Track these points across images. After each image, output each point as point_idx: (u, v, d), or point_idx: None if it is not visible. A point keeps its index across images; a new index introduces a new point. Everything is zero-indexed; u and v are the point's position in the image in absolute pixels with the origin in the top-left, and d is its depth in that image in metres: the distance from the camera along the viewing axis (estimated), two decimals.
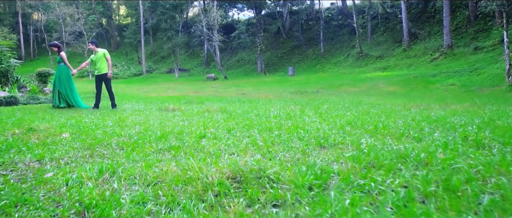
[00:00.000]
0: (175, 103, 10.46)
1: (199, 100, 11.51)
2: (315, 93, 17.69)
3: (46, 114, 7.27)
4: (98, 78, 9.16)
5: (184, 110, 7.71)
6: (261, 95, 16.94)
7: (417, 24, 31.70)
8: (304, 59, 37.91)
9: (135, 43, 45.98)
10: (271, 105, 9.66)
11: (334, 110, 7.62)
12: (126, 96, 15.40)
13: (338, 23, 38.83)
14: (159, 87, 26.63)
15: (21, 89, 15.13)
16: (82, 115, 6.90)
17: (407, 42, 29.85)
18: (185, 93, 19.46)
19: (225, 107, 8.31)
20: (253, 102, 11.47)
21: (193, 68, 44.32)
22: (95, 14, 48.92)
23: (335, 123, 4.92)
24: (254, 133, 4.13)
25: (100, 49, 9.14)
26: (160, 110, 7.76)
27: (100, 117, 6.33)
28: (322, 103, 10.30)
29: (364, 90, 18.38)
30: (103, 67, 9.02)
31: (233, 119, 5.72)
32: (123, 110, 8.13)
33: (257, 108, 8.25)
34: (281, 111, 7.48)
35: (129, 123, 5.42)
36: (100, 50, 9.07)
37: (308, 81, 24.88)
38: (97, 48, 9.14)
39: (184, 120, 5.77)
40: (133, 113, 7.21)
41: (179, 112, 7.33)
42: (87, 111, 7.83)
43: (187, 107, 8.59)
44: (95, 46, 9.14)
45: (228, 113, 7.03)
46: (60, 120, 6.01)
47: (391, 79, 21.33)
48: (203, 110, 7.41)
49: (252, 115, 6.51)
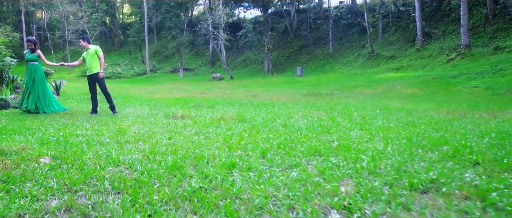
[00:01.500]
0: (182, 108, 9.45)
1: (208, 104, 10.48)
2: (329, 95, 16.62)
3: (35, 121, 6.27)
4: (90, 79, 8.17)
5: (195, 117, 6.68)
6: (272, 97, 15.89)
7: (431, 23, 30.54)
8: (312, 59, 36.81)
9: (139, 42, 45.03)
10: (290, 110, 8.63)
11: (368, 117, 6.58)
12: (129, 98, 14.40)
13: (347, 22, 37.68)
14: (163, 88, 25.63)
15: (17, 90, 14.17)
16: (77, 123, 5.89)
17: (420, 42, 28.70)
18: (191, 94, 18.45)
19: (241, 114, 7.27)
20: (268, 106, 10.44)
21: (197, 67, 43.31)
22: (99, 13, 48.01)
23: (391, 141, 3.88)
24: (299, 159, 3.09)
25: (93, 45, 8.12)
26: (167, 117, 6.73)
27: (97, 127, 5.31)
28: (347, 108, 9.25)
29: (380, 93, 17.30)
30: (94, 66, 8.02)
31: (258, 132, 4.69)
32: (124, 116, 7.11)
33: (278, 115, 7.21)
34: (307, 118, 6.44)
35: (130, 137, 4.40)
36: (91, 47, 8.05)
37: (318, 82, 23.81)
38: (89, 44, 8.13)
39: (198, 132, 4.74)
40: (136, 121, 6.19)
41: (189, 120, 6.31)
42: (83, 118, 6.81)
43: (197, 113, 7.56)
44: (87, 42, 8.12)
45: (247, 121, 6.00)
46: (49, 131, 5.00)
47: (407, 81, 20.22)
48: (217, 118, 6.38)
49: (277, 125, 5.48)
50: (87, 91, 18.87)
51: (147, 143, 3.98)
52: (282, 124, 5.51)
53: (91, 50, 8.02)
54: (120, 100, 13.09)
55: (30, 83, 7.78)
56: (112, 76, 41.92)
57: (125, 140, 4.15)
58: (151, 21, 43.72)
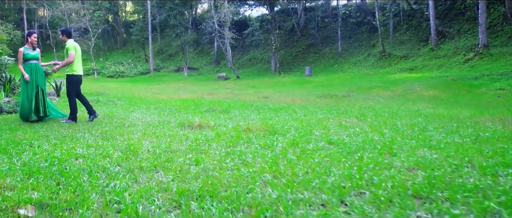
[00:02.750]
0: (195, 113, 8.49)
1: (221, 107, 9.50)
2: (346, 97, 15.65)
3: (29, 131, 5.32)
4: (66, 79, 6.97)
5: (215, 127, 5.72)
6: (285, 99, 14.92)
7: (444, 22, 29.48)
8: (321, 59, 35.81)
9: (142, 40, 44.12)
10: (315, 116, 7.67)
11: (417, 128, 5.60)
12: (134, 100, 13.45)
13: (356, 20, 36.66)
14: (168, 88, 24.68)
15: (14, 91, 13.24)
16: (77, 134, 4.94)
17: (434, 41, 27.66)
18: (199, 95, 17.50)
19: (267, 122, 6.30)
20: (287, 110, 9.47)
21: (202, 67, 42.36)
22: (101, 10, 47.08)
23: (480, 165, 2.92)
24: (401, 208, 2.12)
25: (70, 41, 6.86)
26: (182, 126, 5.76)
27: (100, 143, 4.35)
28: (379, 114, 8.27)
29: (400, 95, 16.31)
30: (69, 65, 6.79)
31: (306, 154, 3.72)
32: (132, 124, 6.15)
33: (309, 123, 6.24)
34: (347, 130, 5.48)
35: (144, 160, 3.44)
36: (69, 42, 6.82)
37: (330, 82, 22.82)
38: (68, 38, 6.88)
39: (229, 153, 3.77)
40: (147, 132, 5.23)
41: (209, 131, 5.35)
42: (84, 127, 5.86)
43: (216, 120, 6.59)
44: (66, 36, 6.89)
45: (280, 134, 5.05)
46: (42, 147, 4.05)
47: (425, 82, 19.22)
48: (243, 128, 5.41)
49: (319, 139, 4.52)
50: (90, 91, 17.95)
51: (168, 171, 3.02)
52: (326, 139, 4.54)
53: (66, 46, 6.83)
54: (124, 102, 12.15)
55: (43, 85, 6.85)
56: (115, 75, 41.05)
57: (138, 166, 3.18)
58: (154, 19, 42.74)
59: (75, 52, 6.85)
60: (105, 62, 45.65)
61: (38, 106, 6.66)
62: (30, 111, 6.57)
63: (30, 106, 6.57)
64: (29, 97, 6.59)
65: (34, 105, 6.61)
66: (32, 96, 6.62)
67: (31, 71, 6.68)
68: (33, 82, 6.68)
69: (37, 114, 6.64)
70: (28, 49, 6.76)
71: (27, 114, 6.57)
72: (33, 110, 6.59)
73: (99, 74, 41.81)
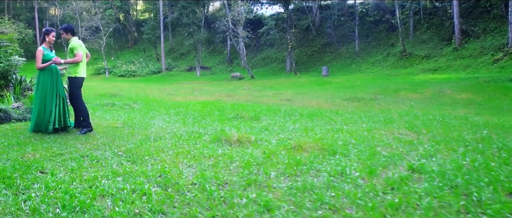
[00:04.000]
0: (222, 120, 7.63)
1: (249, 113, 8.61)
2: (373, 100, 14.69)
3: (40, 147, 4.51)
4: (70, 82, 6.17)
5: (256, 142, 4.85)
6: (310, 102, 14.01)
7: (468, 21, 28.23)
8: (337, 58, 34.76)
9: (154, 39, 43.41)
10: (358, 125, 6.79)
11: (496, 146, 4.67)
12: (150, 102, 12.64)
13: (374, 19, 35.52)
14: (182, 88, 23.90)
15: (26, 92, 12.52)
16: (97, 153, 4.11)
17: (458, 41, 26.47)
18: (216, 97, 16.67)
19: (313, 135, 5.42)
20: (322, 116, 8.58)
21: (214, 66, 41.55)
22: (113, 9, 46.51)
23: None
24: None
25: (75, 39, 6.11)
26: (219, 142, 4.90)
27: (128, 166, 3.50)
28: (428, 123, 7.33)
29: (430, 98, 15.29)
30: (73, 65, 6.02)
31: (408, 195, 2.83)
32: (159, 139, 5.29)
33: (363, 138, 5.33)
34: (409, 145, 4.59)
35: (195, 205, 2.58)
36: (73, 40, 6.06)
37: (351, 83, 21.83)
38: (72, 36, 6.13)
39: (297, 188, 2.90)
40: (180, 151, 4.37)
41: (253, 148, 4.49)
42: (103, 140, 5.03)
43: (250, 130, 5.72)
44: (70, 34, 6.12)
45: (341, 154, 4.17)
46: (55, 176, 3.22)
47: (454, 84, 18.16)
48: (293, 146, 4.54)
49: (399, 164, 3.64)
50: (102, 92, 17.22)
51: None
52: (407, 164, 3.64)
53: (71, 44, 6.03)
54: (141, 105, 11.35)
55: (62, 91, 5.95)
56: (126, 74, 40.44)
57: (189, 215, 2.32)
58: (166, 18, 42.03)
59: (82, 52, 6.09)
60: (116, 61, 45.06)
61: (59, 118, 5.83)
62: (48, 123, 5.73)
63: (47, 119, 5.73)
64: (47, 107, 5.74)
65: (53, 117, 5.76)
66: (52, 107, 5.77)
67: (52, 75, 5.85)
68: (53, 90, 5.83)
69: (55, 125, 5.80)
70: (46, 49, 5.96)
71: (43, 127, 5.73)
72: (51, 122, 5.75)
73: (110, 73, 41.23)
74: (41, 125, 5.73)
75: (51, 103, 5.79)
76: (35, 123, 5.76)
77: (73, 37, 6.17)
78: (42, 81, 5.84)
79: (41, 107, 5.75)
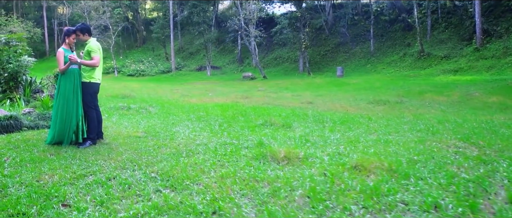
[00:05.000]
0: (251, 127, 6.95)
1: (279, 120, 7.90)
2: (399, 103, 13.93)
3: (58, 163, 3.86)
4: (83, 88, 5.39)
5: (306, 159, 4.16)
6: (335, 105, 13.29)
7: (489, 20, 27.25)
8: (351, 58, 33.93)
9: (163, 38, 42.87)
10: (405, 137, 6.08)
11: None
12: (166, 105, 11.99)
13: (389, 18, 34.63)
14: (195, 89, 23.28)
15: (36, 94, 11.93)
16: (126, 176, 3.45)
17: (480, 41, 25.55)
18: (233, 99, 16.01)
19: (363, 148, 4.71)
20: (354, 123, 7.87)
21: (224, 65, 40.91)
22: (121, 8, 46.03)
23: None
24: None
25: (93, 40, 5.49)
26: (264, 159, 4.19)
27: (174, 207, 2.82)
28: (475, 131, 6.58)
29: (459, 101, 14.48)
30: (86, 70, 5.37)
31: None
32: (192, 154, 4.60)
33: (424, 152, 4.61)
34: (485, 167, 3.88)
35: None
36: (91, 42, 5.43)
37: (370, 85, 21.04)
38: (89, 37, 5.49)
39: None
40: (223, 172, 3.69)
41: (307, 168, 3.80)
42: (132, 164, 4.36)
43: (293, 143, 5.03)
44: (88, 34, 5.49)
45: (415, 176, 3.46)
46: (83, 213, 2.56)
47: (481, 86, 17.33)
48: (353, 165, 3.84)
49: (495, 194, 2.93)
50: (114, 93, 16.60)
51: None
52: (509, 195, 2.93)
53: (89, 46, 5.40)
54: (157, 109, 10.70)
55: (74, 100, 5.17)
56: (135, 74, 39.92)
57: None
58: (176, 17, 41.44)
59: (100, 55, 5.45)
60: (125, 61, 44.58)
61: (77, 131, 5.13)
62: (70, 136, 5.08)
63: (73, 129, 5.08)
64: (69, 115, 5.07)
65: (77, 128, 5.11)
66: (79, 117, 5.13)
67: (74, 80, 5.18)
68: (76, 96, 5.16)
69: (73, 138, 5.13)
70: (67, 50, 5.34)
71: (65, 138, 5.07)
72: (72, 135, 5.10)
73: (119, 72, 40.74)
74: (63, 135, 5.06)
75: (78, 114, 5.14)
76: (57, 133, 5.06)
77: (91, 38, 5.54)
78: (63, 87, 5.19)
79: (63, 116, 5.08)
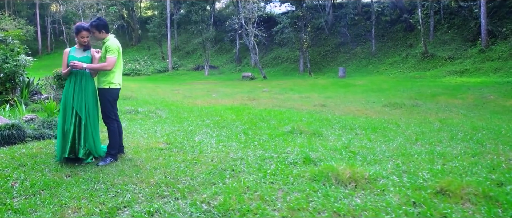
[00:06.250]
0: (284, 137, 6.28)
1: (307, 127, 7.24)
2: (415, 107, 13.33)
3: (78, 190, 3.17)
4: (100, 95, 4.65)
5: (375, 182, 3.51)
6: (350, 108, 12.65)
7: (493, 21, 26.85)
8: (352, 59, 33.40)
9: (159, 37, 42.02)
10: (447, 153, 5.48)
11: None
12: (172, 107, 11.27)
13: (390, 18, 34.15)
14: (196, 89, 22.54)
15: (34, 96, 11.14)
16: (172, 210, 2.77)
17: (485, 42, 25.13)
18: (239, 100, 15.31)
19: (449, 170, 4.07)
20: (393, 131, 7.25)
21: (222, 65, 40.18)
22: (117, 6, 45.03)
23: None
24: None
25: (112, 38, 4.69)
26: (327, 180, 3.52)
27: None
28: None
29: (476, 104, 13.93)
30: (103, 74, 4.60)
31: None
32: (233, 174, 3.94)
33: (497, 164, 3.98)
34: None
35: None
36: (110, 40, 4.62)
37: (377, 86, 20.47)
38: (107, 34, 4.69)
39: None
40: (286, 201, 3.03)
41: (380, 194, 3.15)
42: (172, 189, 3.67)
43: (342, 157, 4.38)
44: (105, 31, 4.66)
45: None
46: None
47: (493, 88, 16.87)
48: (434, 189, 3.20)
49: None
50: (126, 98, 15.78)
51: None
52: None
53: (108, 46, 4.57)
54: (166, 112, 9.97)
55: (81, 109, 4.37)
56: (131, 73, 39.00)
57: None
58: (173, 15, 40.58)
59: (118, 57, 4.64)
60: None
61: (73, 144, 4.29)
62: (64, 148, 4.28)
63: (63, 143, 4.31)
64: (63, 126, 4.33)
65: (70, 140, 4.26)
66: (68, 126, 4.31)
67: (75, 85, 4.41)
68: (70, 103, 4.36)
69: (65, 154, 4.27)
70: (76, 50, 4.57)
71: (60, 153, 4.33)
72: (65, 148, 4.26)
73: None
74: (58, 151, 4.35)
75: (68, 122, 4.34)
76: (56, 148, 4.38)
77: (109, 35, 4.72)
78: (65, 92, 4.43)
79: (61, 126, 4.35)
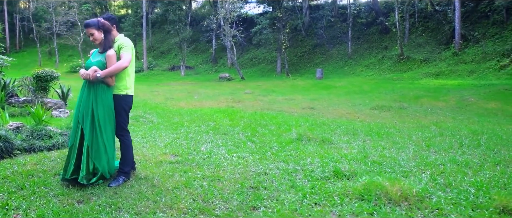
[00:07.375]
0: (294, 144, 6.06)
1: (314, 134, 7.04)
2: (402, 109, 13.42)
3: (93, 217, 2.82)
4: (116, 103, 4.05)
5: (426, 200, 3.33)
6: (340, 111, 12.56)
7: (466, 25, 27.70)
8: (328, 60, 33.65)
9: (134, 36, 40.93)
10: (464, 156, 5.43)
11: None
12: (160, 111, 10.83)
13: (366, 20, 34.68)
14: (175, 90, 22.00)
15: (10, 99, 10.42)
16: None
17: (458, 45, 25.88)
18: (223, 103, 14.96)
19: (491, 182, 3.94)
20: (391, 134, 7.16)
21: (197, 65, 39.61)
22: (90, 4, 43.51)
23: None
24: None
25: (122, 36, 4.17)
26: (378, 200, 3.30)
27: None
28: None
29: (459, 107, 14.21)
30: (121, 77, 4.05)
31: None
32: (270, 196, 3.66)
33: None
34: None
35: None
36: (121, 39, 4.10)
37: (358, 88, 20.61)
38: (118, 33, 4.19)
39: None
40: None
41: (443, 216, 2.97)
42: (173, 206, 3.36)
43: (369, 169, 4.19)
44: (116, 29, 4.17)
45: None
46: None
47: (472, 91, 17.28)
48: (491, 206, 3.07)
49: None
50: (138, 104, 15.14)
51: None
52: None
53: (121, 44, 4.03)
54: (155, 116, 9.54)
55: (86, 124, 3.75)
56: None
57: None
58: (150, 14, 39.61)
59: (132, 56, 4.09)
60: None
61: (79, 163, 3.72)
62: (66, 168, 3.74)
63: (66, 161, 3.80)
64: (70, 142, 3.84)
65: (74, 157, 3.72)
66: (71, 141, 3.80)
67: (81, 92, 3.93)
68: (75, 115, 3.87)
69: (66, 175, 3.71)
70: (96, 53, 4.06)
71: (62, 172, 3.82)
72: (68, 167, 3.72)
73: None
74: (64, 168, 3.83)
75: (73, 136, 3.83)
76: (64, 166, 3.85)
77: (119, 34, 4.20)
78: (78, 98, 4.02)
79: (70, 141, 3.85)
